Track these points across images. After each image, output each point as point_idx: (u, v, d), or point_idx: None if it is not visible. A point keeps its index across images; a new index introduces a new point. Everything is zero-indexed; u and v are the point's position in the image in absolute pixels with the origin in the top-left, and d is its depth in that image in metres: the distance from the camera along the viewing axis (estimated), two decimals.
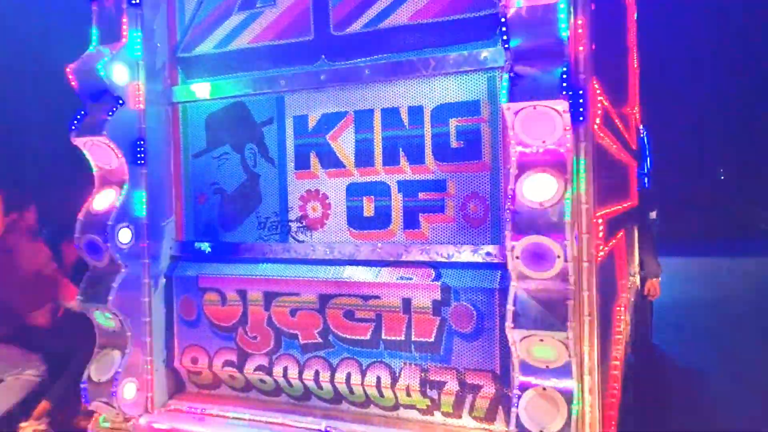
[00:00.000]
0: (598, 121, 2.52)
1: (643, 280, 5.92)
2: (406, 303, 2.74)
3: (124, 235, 3.01)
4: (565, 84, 2.17)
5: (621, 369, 3.33)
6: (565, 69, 2.20)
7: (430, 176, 2.74)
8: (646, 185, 7.24)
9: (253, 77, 3.06)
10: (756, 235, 20.41)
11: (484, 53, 2.58)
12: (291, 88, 2.98)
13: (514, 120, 2.25)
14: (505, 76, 2.25)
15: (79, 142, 2.97)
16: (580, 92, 2.28)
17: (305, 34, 2.97)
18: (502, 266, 2.50)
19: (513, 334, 2.26)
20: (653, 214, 6.84)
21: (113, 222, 2.94)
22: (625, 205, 4.18)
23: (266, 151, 3.07)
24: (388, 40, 2.80)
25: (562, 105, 2.18)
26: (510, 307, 2.27)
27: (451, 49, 2.65)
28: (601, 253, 2.57)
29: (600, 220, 2.49)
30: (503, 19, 2.25)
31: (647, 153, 7.68)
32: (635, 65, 6.13)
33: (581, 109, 2.27)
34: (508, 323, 2.26)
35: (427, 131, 2.74)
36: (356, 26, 2.86)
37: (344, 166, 2.91)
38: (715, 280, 12.37)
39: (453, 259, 2.67)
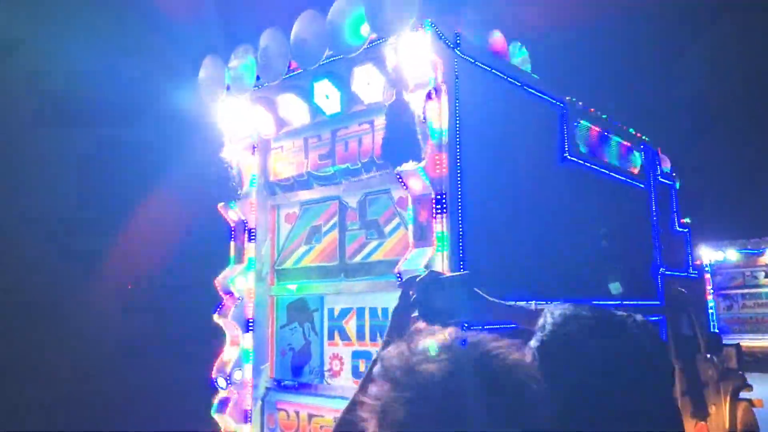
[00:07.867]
0: None
1: None
2: None
3: (237, 375, 5.29)
4: None
5: None
6: None
7: None
8: None
9: (309, 284, 5.28)
10: None
11: None
12: (326, 292, 5.15)
13: None
14: None
15: (217, 320, 5.40)
16: None
17: (334, 260, 5.15)
18: None
19: None
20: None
21: (231, 367, 5.25)
22: None
23: (314, 327, 5.22)
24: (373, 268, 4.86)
25: None
26: None
27: None
28: None
29: None
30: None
31: None
32: None
33: None
34: None
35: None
36: (357, 258, 4.98)
37: (350, 340, 4.93)
38: None
39: None
